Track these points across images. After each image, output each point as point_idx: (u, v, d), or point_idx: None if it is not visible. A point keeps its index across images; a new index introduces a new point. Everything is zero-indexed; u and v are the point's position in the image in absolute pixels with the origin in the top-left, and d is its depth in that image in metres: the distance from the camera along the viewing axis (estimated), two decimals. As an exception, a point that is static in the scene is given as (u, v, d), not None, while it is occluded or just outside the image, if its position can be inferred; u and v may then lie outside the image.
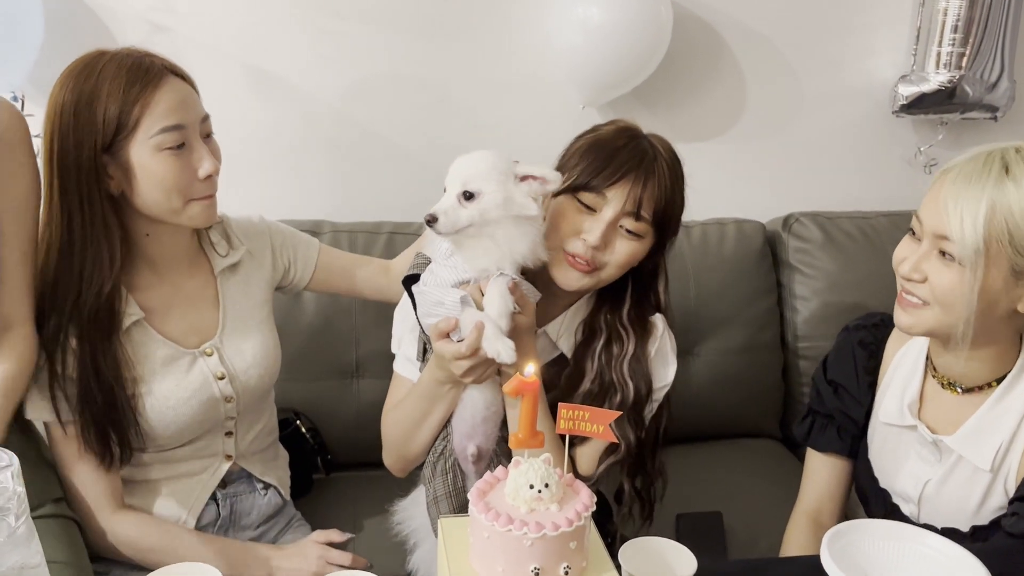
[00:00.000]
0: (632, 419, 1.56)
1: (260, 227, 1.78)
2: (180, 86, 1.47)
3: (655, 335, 1.62)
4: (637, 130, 1.57)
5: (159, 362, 1.57)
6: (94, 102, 1.40)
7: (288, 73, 2.27)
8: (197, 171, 1.47)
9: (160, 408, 1.55)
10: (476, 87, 2.35)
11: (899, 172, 2.64)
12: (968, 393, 1.49)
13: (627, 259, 1.53)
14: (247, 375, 1.65)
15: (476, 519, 0.96)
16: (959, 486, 1.49)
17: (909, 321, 1.44)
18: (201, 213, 1.52)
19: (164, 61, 1.48)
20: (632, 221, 1.49)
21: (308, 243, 1.83)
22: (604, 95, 2.34)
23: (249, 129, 2.28)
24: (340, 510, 1.92)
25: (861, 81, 2.55)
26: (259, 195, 2.27)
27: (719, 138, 2.54)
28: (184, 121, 1.45)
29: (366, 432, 1.83)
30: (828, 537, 1.20)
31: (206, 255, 1.67)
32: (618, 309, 1.61)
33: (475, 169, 1.40)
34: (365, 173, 2.38)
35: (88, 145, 1.40)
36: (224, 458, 1.68)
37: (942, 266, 1.36)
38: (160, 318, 1.58)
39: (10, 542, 0.94)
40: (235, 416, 1.66)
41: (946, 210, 1.33)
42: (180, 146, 1.45)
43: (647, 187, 1.49)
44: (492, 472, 1.03)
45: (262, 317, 1.72)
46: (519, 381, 0.98)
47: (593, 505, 0.98)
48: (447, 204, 1.40)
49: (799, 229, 2.42)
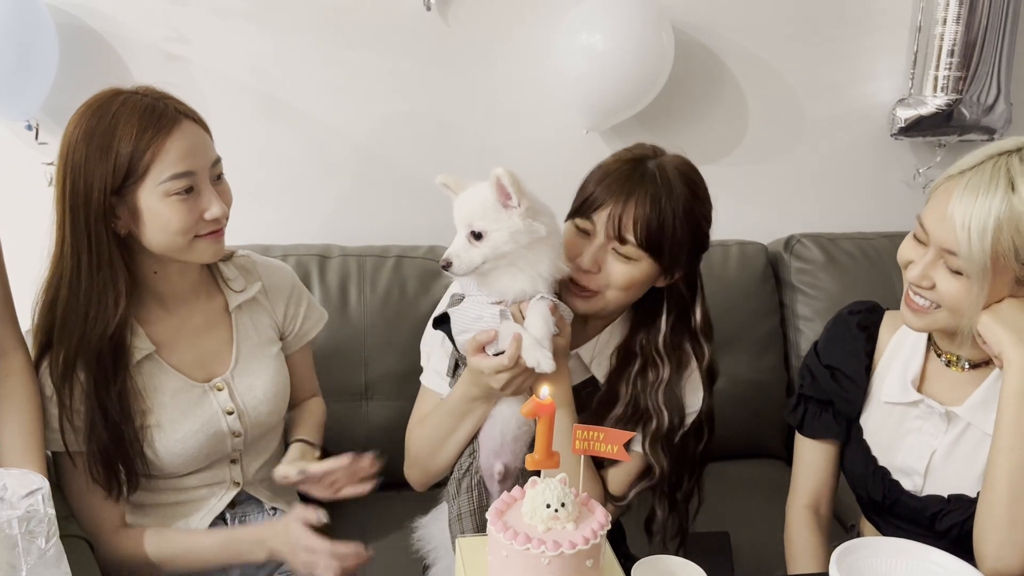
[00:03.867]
0: (665, 446, 1.56)
1: (285, 271, 1.79)
2: (192, 131, 1.47)
3: (690, 368, 1.61)
4: (646, 152, 1.56)
5: (169, 394, 1.57)
6: (106, 144, 1.40)
7: (299, 101, 2.31)
8: (204, 214, 1.47)
9: (168, 441, 1.55)
10: (482, 113, 2.39)
11: (899, 193, 2.67)
12: (974, 369, 1.52)
13: (625, 281, 1.51)
14: (257, 411, 1.65)
15: (494, 538, 0.98)
16: (966, 454, 1.51)
17: (919, 323, 1.47)
18: (207, 249, 1.52)
19: (178, 104, 1.48)
20: (618, 244, 1.49)
21: (320, 316, 1.83)
22: (607, 120, 2.38)
23: (260, 155, 2.31)
24: (349, 532, 1.91)
25: (860, 105, 2.59)
26: (270, 220, 2.31)
27: (721, 161, 2.57)
28: (194, 167, 1.45)
29: (376, 456, 1.85)
30: (836, 555, 1.22)
31: (220, 289, 1.67)
32: (654, 334, 1.59)
33: (474, 208, 1.41)
34: (373, 198, 2.41)
35: (99, 187, 1.40)
36: (231, 485, 1.68)
37: (949, 276, 1.39)
38: (169, 351, 1.59)
39: (41, 563, 0.96)
40: (241, 449, 1.67)
41: (953, 226, 1.34)
42: (188, 190, 1.45)
43: (626, 210, 1.47)
44: (510, 492, 1.05)
45: (274, 353, 1.71)
46: (535, 403, 1.01)
47: (608, 524, 1.00)
48: (459, 247, 1.41)
49: (801, 250, 2.45)
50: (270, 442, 1.75)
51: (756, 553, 1.95)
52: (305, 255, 2.21)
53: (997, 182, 1.33)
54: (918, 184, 2.64)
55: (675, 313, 1.60)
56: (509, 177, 1.37)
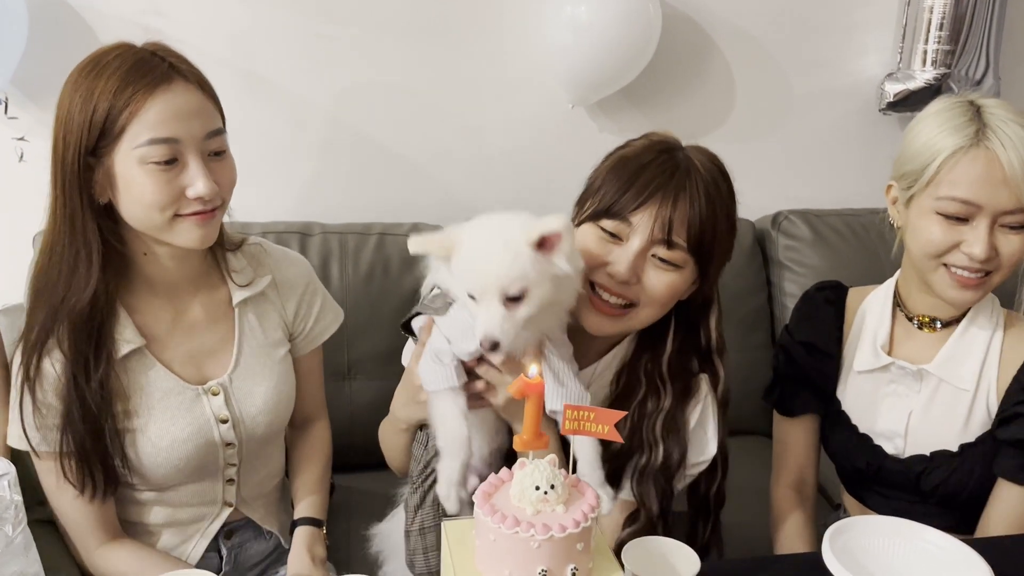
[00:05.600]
0: (658, 486, 1.37)
1: (301, 265, 1.64)
2: (185, 93, 1.31)
3: (697, 397, 1.42)
4: (672, 143, 1.38)
5: (157, 396, 1.42)
6: (87, 98, 1.27)
7: (278, 76, 2.26)
8: (186, 190, 1.31)
9: (152, 447, 1.41)
10: (465, 88, 2.35)
11: (886, 169, 2.61)
12: (945, 327, 1.57)
13: (666, 294, 1.33)
14: (254, 422, 1.51)
15: (482, 521, 0.95)
16: (943, 411, 1.56)
17: (975, 296, 1.50)
18: (190, 232, 1.34)
19: (178, 63, 1.33)
20: (664, 249, 1.30)
21: (336, 315, 1.68)
22: (593, 94, 2.35)
23: (238, 131, 2.18)
24: (336, 524, 1.87)
25: (849, 80, 2.57)
26: (251, 198, 2.24)
27: (708, 137, 2.46)
28: (178, 134, 1.29)
29: (360, 435, 1.81)
30: (829, 534, 1.20)
31: (225, 282, 1.51)
32: (659, 355, 1.41)
33: (508, 271, 1.18)
34: (355, 175, 2.37)
35: (74, 146, 1.28)
36: (224, 505, 1.55)
37: (1013, 236, 1.44)
38: (161, 345, 1.44)
39: (8, 552, 0.93)
40: (236, 464, 1.52)
41: (1017, 183, 1.39)
42: (171, 161, 1.29)
43: (677, 208, 1.29)
44: (497, 474, 1.02)
45: (279, 356, 1.56)
46: (523, 383, 0.97)
47: (599, 505, 0.97)
48: (497, 319, 1.18)
49: (788, 227, 2.44)
50: (268, 456, 1.61)
51: (743, 530, 1.94)
52: (285, 232, 2.16)
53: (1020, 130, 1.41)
54: (906, 160, 2.61)
55: (683, 330, 1.43)
56: (570, 229, 1.19)
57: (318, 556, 1.54)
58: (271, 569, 1.68)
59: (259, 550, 1.65)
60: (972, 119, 1.43)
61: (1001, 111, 1.43)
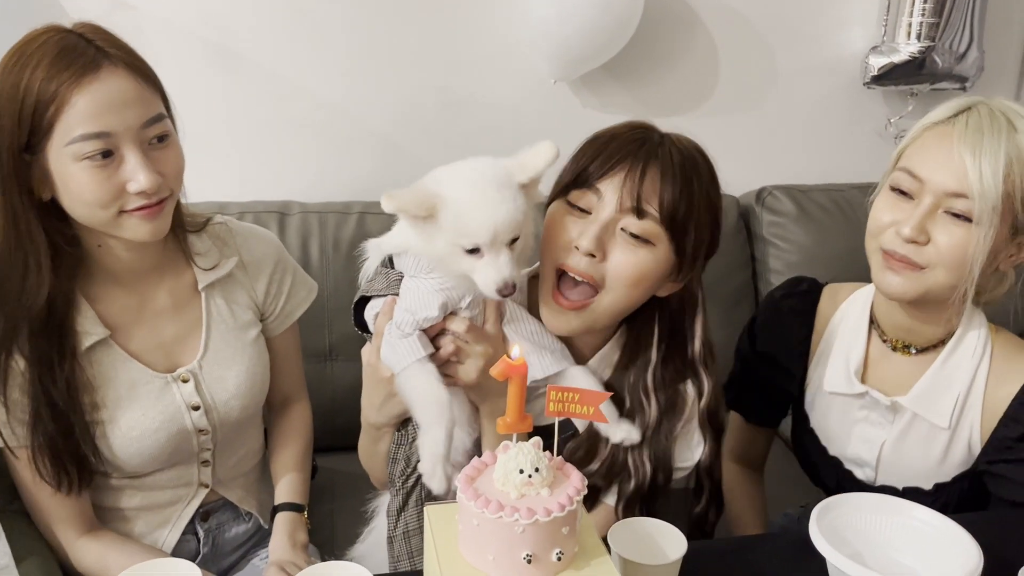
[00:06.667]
0: (643, 509, 1.32)
1: (268, 242, 1.57)
2: (117, 80, 1.21)
3: (687, 412, 1.35)
4: (650, 125, 1.32)
5: (124, 386, 1.39)
6: (15, 92, 1.18)
7: (254, 51, 2.21)
8: (127, 185, 1.23)
9: (123, 439, 1.38)
10: (446, 63, 2.31)
11: (870, 144, 2.65)
12: (921, 353, 1.48)
13: (632, 275, 1.25)
14: (227, 407, 1.47)
15: (465, 506, 0.93)
16: (917, 445, 1.49)
17: (903, 287, 1.37)
18: (139, 227, 1.27)
19: (108, 46, 1.23)
20: (634, 220, 1.23)
21: (309, 291, 1.63)
22: (575, 69, 2.31)
23: (214, 110, 2.22)
24: (319, 506, 1.85)
25: (832, 53, 2.55)
26: (225, 177, 2.23)
27: (691, 112, 2.52)
28: (111, 127, 1.20)
29: (342, 417, 1.79)
30: (817, 512, 1.19)
31: (190, 266, 1.46)
32: (642, 367, 1.33)
33: (517, 216, 1.17)
34: (334, 152, 2.33)
35: (7, 143, 1.20)
36: (200, 487, 1.52)
37: (952, 226, 1.32)
38: (126, 335, 1.40)
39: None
40: (211, 447, 1.50)
41: (963, 167, 1.29)
42: (106, 154, 1.21)
43: (647, 173, 1.22)
44: (479, 457, 1.00)
45: (250, 339, 1.51)
46: (506, 364, 0.95)
47: (585, 488, 0.95)
48: (510, 264, 1.18)
49: (772, 202, 2.42)
50: (246, 437, 1.59)
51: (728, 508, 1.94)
52: (263, 212, 2.13)
53: (999, 123, 1.30)
54: (889, 134, 2.61)
55: (668, 338, 1.35)
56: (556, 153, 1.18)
57: (300, 541, 1.51)
58: (252, 552, 1.65)
59: (238, 532, 1.62)
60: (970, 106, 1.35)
61: (1001, 103, 1.34)
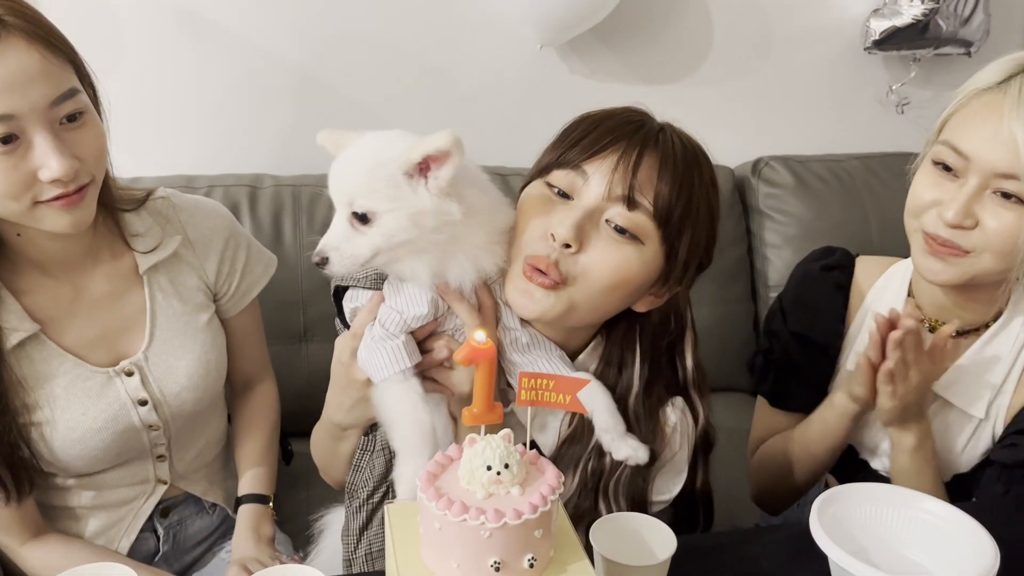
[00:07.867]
0: None
1: (217, 215, 1.45)
2: (16, 53, 1.08)
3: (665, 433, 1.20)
4: (646, 111, 1.18)
5: (61, 384, 1.29)
6: None
7: (223, 17, 2.10)
8: (37, 173, 1.12)
9: (64, 440, 1.29)
10: (425, 27, 2.21)
11: (870, 112, 2.56)
12: (960, 336, 1.39)
13: (613, 272, 1.09)
14: (178, 399, 1.37)
15: (426, 507, 0.83)
16: (939, 434, 1.40)
17: (947, 273, 1.28)
18: (57, 218, 1.16)
19: (6, 12, 1.09)
20: (624, 210, 1.08)
21: (266, 265, 1.52)
22: (562, 34, 2.22)
23: (182, 77, 2.12)
24: (295, 492, 1.77)
25: (832, 17, 2.45)
26: (193, 149, 2.14)
27: (684, 80, 2.42)
28: (13, 108, 1.08)
29: (318, 400, 1.70)
30: (818, 504, 1.10)
31: (129, 249, 1.35)
32: (622, 391, 1.18)
33: (354, 182, 1.05)
34: (308, 123, 2.16)
35: None
36: (157, 483, 1.43)
37: (1001, 209, 1.23)
38: (60, 328, 1.29)
39: None
40: (166, 442, 1.40)
41: (1014, 143, 1.19)
42: (7, 140, 1.09)
43: (643, 161, 1.07)
44: (444, 451, 0.90)
45: (202, 323, 1.41)
46: (471, 348, 0.85)
47: (560, 486, 0.85)
48: (339, 235, 1.06)
49: (769, 174, 2.34)
50: (205, 428, 1.49)
51: (719, 491, 1.87)
52: (234, 186, 2.03)
53: None
54: (891, 102, 2.51)
55: (650, 359, 1.21)
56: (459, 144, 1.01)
57: (264, 535, 1.43)
58: (217, 545, 1.56)
59: (202, 526, 1.53)
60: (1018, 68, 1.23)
61: None
